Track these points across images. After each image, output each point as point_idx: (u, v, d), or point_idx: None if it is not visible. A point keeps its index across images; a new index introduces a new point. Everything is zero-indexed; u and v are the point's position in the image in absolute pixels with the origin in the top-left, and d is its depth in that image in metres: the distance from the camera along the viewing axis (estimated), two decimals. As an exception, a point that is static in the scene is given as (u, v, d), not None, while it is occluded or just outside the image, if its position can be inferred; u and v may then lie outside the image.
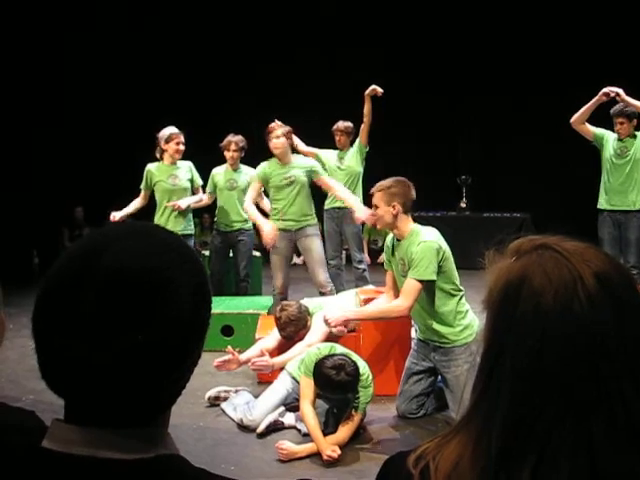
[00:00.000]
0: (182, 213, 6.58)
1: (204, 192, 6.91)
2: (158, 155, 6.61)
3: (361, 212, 5.76)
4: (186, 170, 6.67)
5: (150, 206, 6.72)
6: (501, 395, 0.87)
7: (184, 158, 6.65)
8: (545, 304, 0.85)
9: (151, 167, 6.58)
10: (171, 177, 6.55)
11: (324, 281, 6.02)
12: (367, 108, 6.88)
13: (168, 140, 6.46)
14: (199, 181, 6.80)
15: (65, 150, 9.93)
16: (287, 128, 5.98)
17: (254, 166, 6.27)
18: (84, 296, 0.83)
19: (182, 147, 6.50)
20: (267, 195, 6.33)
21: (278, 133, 5.90)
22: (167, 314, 0.85)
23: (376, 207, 4.39)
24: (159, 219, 6.50)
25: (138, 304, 0.84)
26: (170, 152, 6.49)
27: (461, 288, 4.44)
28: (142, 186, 6.63)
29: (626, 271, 0.91)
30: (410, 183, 4.46)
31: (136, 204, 6.63)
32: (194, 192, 6.77)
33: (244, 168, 6.88)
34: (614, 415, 0.82)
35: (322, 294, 5.93)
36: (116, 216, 6.36)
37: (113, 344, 0.82)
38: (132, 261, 0.86)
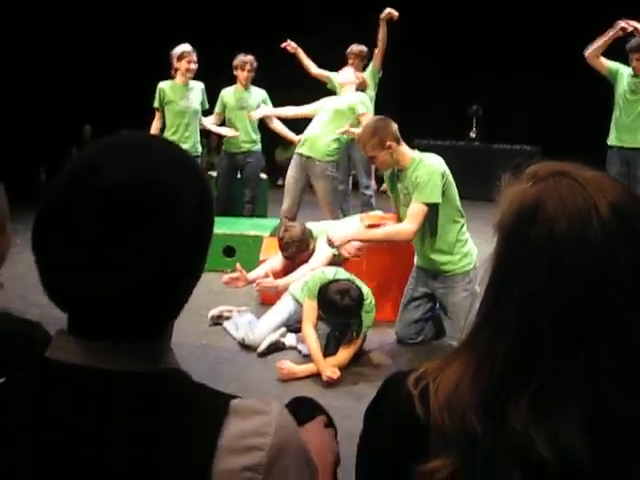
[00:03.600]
0: (193, 134, 6.51)
1: (208, 115, 6.80)
2: (173, 72, 6.44)
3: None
4: (198, 92, 6.54)
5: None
6: (507, 319, 0.86)
7: (198, 78, 6.50)
8: (559, 230, 0.84)
9: (164, 85, 6.42)
10: (183, 99, 6.42)
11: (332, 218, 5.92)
12: (382, 32, 6.70)
13: (180, 58, 6.29)
14: (206, 104, 6.68)
15: (73, 67, 9.77)
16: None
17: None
18: (85, 209, 0.82)
19: (193, 66, 6.34)
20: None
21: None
22: (169, 228, 0.84)
23: (373, 158, 4.32)
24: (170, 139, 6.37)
25: (139, 217, 0.83)
26: (182, 70, 6.34)
27: (464, 215, 4.41)
28: (156, 104, 6.43)
29: None
30: (384, 117, 4.41)
31: (157, 126, 6.47)
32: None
33: (254, 88, 6.78)
34: (625, 349, 0.81)
35: None
36: None
37: (112, 257, 0.81)
38: (134, 175, 0.84)
